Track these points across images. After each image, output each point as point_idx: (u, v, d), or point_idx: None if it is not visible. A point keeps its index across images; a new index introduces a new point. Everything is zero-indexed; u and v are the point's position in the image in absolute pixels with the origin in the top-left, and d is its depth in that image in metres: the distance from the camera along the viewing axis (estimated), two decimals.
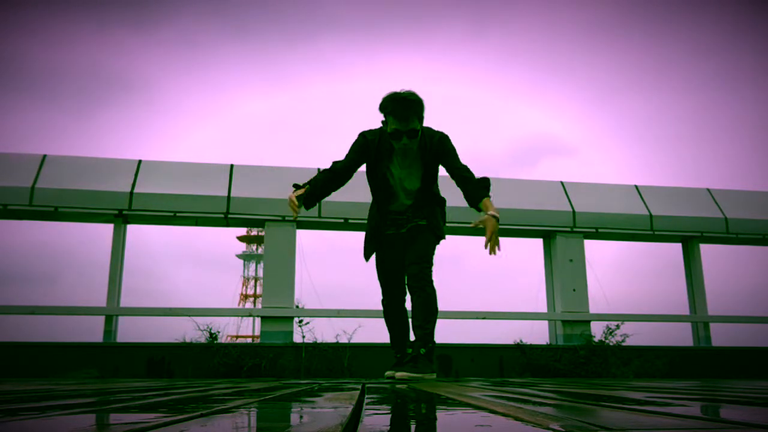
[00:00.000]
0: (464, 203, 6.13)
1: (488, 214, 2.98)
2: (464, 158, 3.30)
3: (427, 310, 3.10)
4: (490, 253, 2.92)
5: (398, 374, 3.05)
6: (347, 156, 3.18)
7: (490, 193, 3.13)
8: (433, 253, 3.24)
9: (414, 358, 3.09)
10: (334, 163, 3.18)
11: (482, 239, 3.03)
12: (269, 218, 5.58)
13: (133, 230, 5.63)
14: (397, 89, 3.00)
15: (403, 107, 2.94)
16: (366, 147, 3.14)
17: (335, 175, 3.13)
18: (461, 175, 3.14)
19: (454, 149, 3.20)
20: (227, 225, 5.77)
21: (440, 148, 3.14)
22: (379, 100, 3.03)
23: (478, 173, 3.29)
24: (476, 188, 3.09)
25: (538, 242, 6.23)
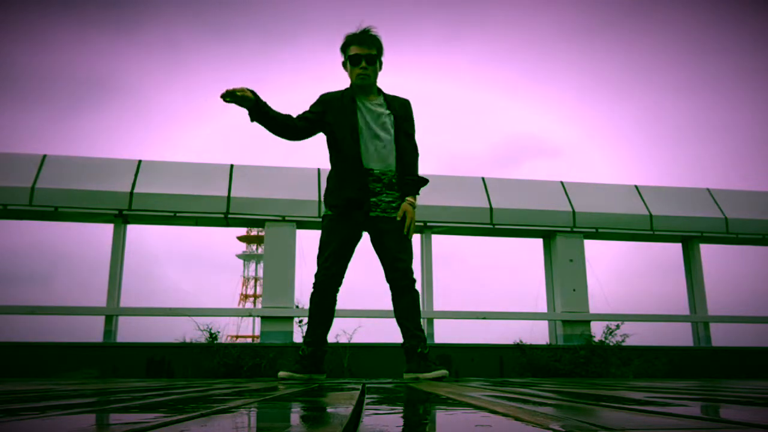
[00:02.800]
0: (464, 203, 6.13)
1: (407, 200, 3.13)
2: (454, 159, 3.32)
3: (418, 311, 3.15)
4: (406, 233, 3.09)
5: (432, 374, 2.99)
6: (305, 113, 3.14)
7: (419, 193, 3.25)
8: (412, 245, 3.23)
9: (424, 356, 3.08)
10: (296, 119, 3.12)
11: (481, 239, 3.07)
12: (269, 218, 5.58)
13: (132, 230, 5.63)
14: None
15: (364, 34, 3.11)
16: (326, 104, 3.14)
17: (292, 126, 3.09)
18: (409, 154, 3.17)
19: (413, 119, 3.25)
20: (227, 225, 5.78)
21: (404, 111, 3.20)
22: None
23: (468, 173, 3.32)
24: (410, 183, 3.17)
25: (538, 242, 6.23)
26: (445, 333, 5.67)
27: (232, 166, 5.82)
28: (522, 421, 0.90)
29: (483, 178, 6.15)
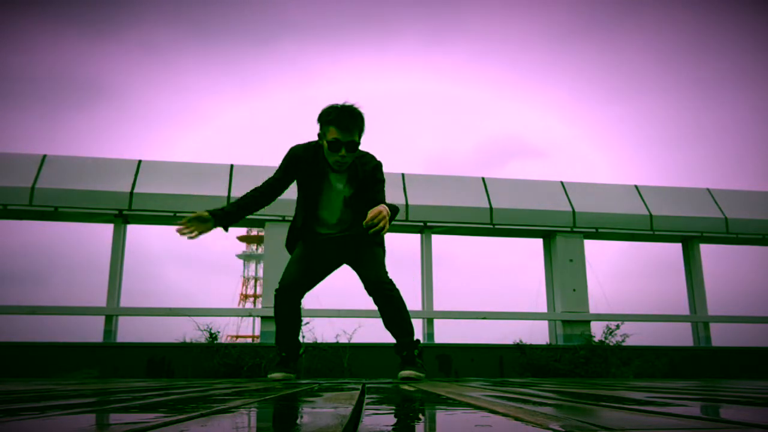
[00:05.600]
0: (464, 203, 6.12)
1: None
2: (441, 158, 3.30)
3: (401, 314, 3.14)
4: (370, 231, 2.72)
5: (405, 372, 3.07)
6: (274, 175, 3.08)
7: (395, 210, 2.97)
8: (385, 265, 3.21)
9: (411, 359, 3.13)
10: (256, 188, 3.12)
11: (481, 239, 3.06)
12: (269, 218, 5.58)
13: (132, 230, 5.63)
14: (339, 103, 2.92)
15: (347, 116, 2.83)
16: (296, 163, 3.01)
17: (256, 198, 3.07)
18: (378, 184, 3.01)
19: (383, 180, 3.07)
20: None
21: (372, 176, 3.00)
22: (320, 111, 2.93)
23: (455, 172, 3.31)
24: (382, 201, 2.95)
25: (538, 242, 6.23)
26: (445, 333, 5.67)
27: (232, 166, 5.82)
28: (522, 421, 0.90)
29: (483, 178, 6.15)
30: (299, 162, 3.02)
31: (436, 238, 5.91)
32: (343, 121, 2.82)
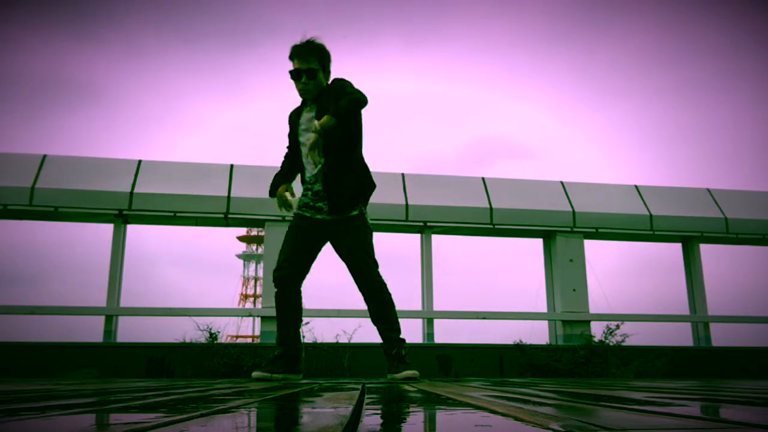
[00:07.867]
0: (464, 203, 6.12)
1: (315, 123, 2.95)
2: (427, 159, 3.30)
3: (389, 311, 3.16)
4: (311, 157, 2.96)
5: (405, 372, 3.06)
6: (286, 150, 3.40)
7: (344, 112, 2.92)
8: (374, 249, 3.20)
9: (398, 357, 3.15)
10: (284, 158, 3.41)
11: (481, 239, 3.06)
12: (269, 218, 5.58)
13: (132, 231, 5.63)
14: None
15: (301, 47, 3.10)
16: (289, 120, 3.31)
17: (292, 162, 3.33)
18: (344, 94, 2.97)
19: (349, 83, 3.07)
20: (227, 225, 5.77)
21: (337, 90, 3.05)
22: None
23: (443, 172, 3.32)
24: (339, 103, 2.93)
25: (538, 242, 6.23)
26: (445, 333, 5.67)
27: (232, 166, 5.82)
28: (522, 421, 0.90)
29: (483, 178, 6.15)
30: (290, 118, 3.30)
31: (436, 238, 5.91)
32: (300, 50, 3.09)
